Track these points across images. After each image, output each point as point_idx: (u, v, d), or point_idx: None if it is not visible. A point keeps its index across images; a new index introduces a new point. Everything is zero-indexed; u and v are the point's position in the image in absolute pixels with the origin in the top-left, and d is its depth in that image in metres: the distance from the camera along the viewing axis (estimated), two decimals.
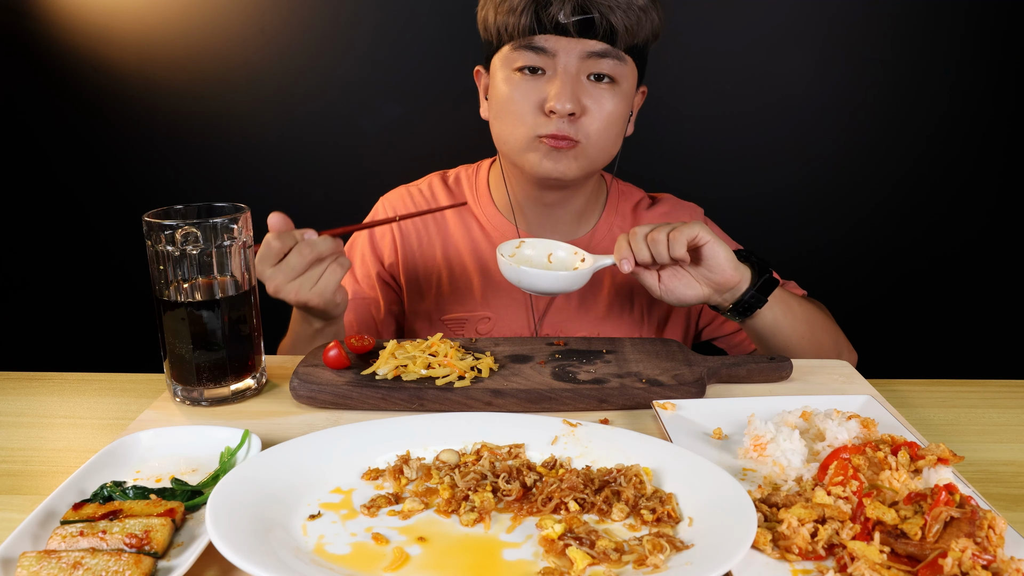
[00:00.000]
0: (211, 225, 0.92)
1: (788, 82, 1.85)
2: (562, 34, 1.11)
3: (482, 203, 1.34)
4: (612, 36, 1.12)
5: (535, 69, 1.14)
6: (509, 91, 1.16)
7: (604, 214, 1.35)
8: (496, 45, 1.18)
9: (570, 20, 1.09)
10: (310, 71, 1.87)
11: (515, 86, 1.15)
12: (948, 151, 1.87)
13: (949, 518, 0.63)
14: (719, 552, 0.61)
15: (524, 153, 1.18)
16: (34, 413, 0.99)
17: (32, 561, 0.61)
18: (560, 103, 1.11)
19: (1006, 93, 1.82)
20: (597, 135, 1.16)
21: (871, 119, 1.86)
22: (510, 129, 1.17)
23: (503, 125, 1.19)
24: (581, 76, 1.13)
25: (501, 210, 1.33)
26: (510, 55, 1.15)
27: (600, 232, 1.34)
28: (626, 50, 1.14)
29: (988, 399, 1.01)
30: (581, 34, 1.11)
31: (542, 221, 1.31)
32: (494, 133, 1.23)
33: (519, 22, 1.12)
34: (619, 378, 0.97)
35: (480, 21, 1.20)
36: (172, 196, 1.11)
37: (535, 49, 1.12)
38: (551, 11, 1.10)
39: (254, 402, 0.98)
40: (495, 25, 1.16)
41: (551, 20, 1.10)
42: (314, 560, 0.63)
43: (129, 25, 1.85)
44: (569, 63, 1.12)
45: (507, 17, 1.13)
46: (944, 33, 1.79)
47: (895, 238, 1.94)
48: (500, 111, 1.18)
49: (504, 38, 1.15)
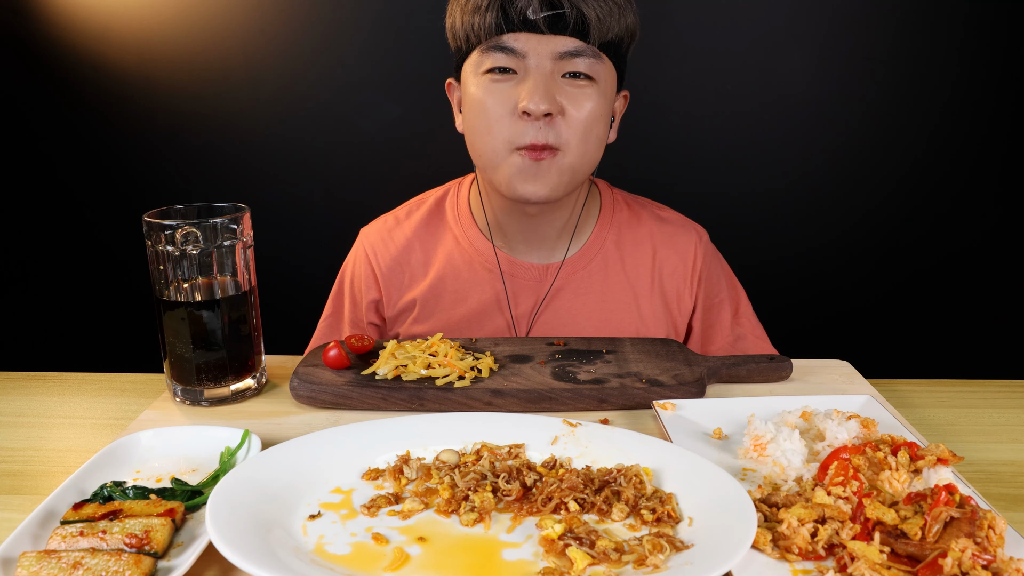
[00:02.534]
0: (211, 225, 0.92)
1: (788, 82, 1.85)
2: (532, 31, 1.04)
3: (463, 222, 1.26)
4: (585, 30, 1.05)
5: (505, 69, 1.07)
6: (481, 96, 1.09)
7: (597, 227, 1.26)
8: (465, 51, 1.12)
9: (539, 16, 1.03)
10: (310, 71, 1.87)
11: (486, 90, 1.08)
12: (948, 150, 1.87)
13: (949, 518, 0.63)
14: (719, 552, 0.61)
15: (499, 167, 1.10)
16: (34, 413, 0.99)
17: (32, 561, 0.61)
18: (533, 102, 1.04)
19: (1006, 93, 1.82)
20: (577, 138, 1.08)
21: (871, 119, 1.86)
22: (484, 139, 1.10)
23: (476, 135, 1.12)
24: (555, 75, 1.07)
25: (481, 228, 1.25)
26: (479, 59, 1.09)
27: (592, 249, 1.24)
28: (601, 47, 1.07)
29: (988, 399, 1.01)
30: (552, 30, 1.04)
31: (525, 238, 1.22)
32: (469, 146, 1.16)
33: (485, 21, 1.06)
34: (619, 378, 0.97)
35: (448, 29, 1.14)
36: (172, 196, 1.12)
37: (505, 50, 1.06)
38: (518, 5, 1.03)
39: (254, 402, 0.98)
40: (462, 29, 1.10)
41: (519, 15, 1.04)
42: (314, 560, 0.63)
43: (129, 25, 1.85)
44: (542, 63, 1.06)
45: (472, 17, 1.07)
46: (944, 33, 1.79)
47: (895, 238, 1.94)
48: (474, 120, 1.11)
49: (472, 41, 1.10)
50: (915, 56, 1.81)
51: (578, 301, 1.23)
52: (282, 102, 1.89)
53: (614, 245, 1.25)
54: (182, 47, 1.86)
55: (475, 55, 1.10)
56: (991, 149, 1.87)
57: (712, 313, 1.28)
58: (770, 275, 1.41)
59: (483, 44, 1.08)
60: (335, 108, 1.89)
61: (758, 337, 1.29)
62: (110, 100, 1.90)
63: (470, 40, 1.10)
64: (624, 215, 1.28)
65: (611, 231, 1.26)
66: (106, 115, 1.92)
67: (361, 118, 1.90)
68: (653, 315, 1.24)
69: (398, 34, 1.84)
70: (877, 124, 1.87)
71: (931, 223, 1.93)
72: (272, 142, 1.92)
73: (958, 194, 1.90)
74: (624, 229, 1.27)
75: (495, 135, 1.09)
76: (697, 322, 1.28)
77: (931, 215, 1.92)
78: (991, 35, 1.79)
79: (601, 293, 1.23)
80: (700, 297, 1.27)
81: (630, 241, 1.26)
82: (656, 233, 1.27)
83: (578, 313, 1.23)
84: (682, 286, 1.26)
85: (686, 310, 1.27)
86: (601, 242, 1.25)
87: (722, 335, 1.28)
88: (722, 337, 1.28)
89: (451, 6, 1.13)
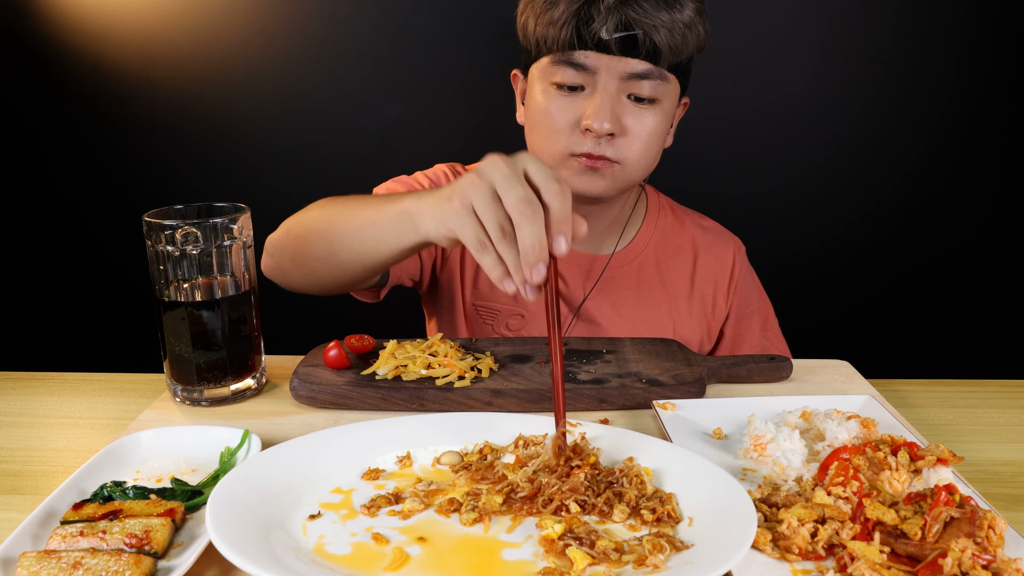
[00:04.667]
0: (211, 225, 0.92)
1: (788, 82, 1.85)
2: (603, 51, 1.06)
3: None
4: (655, 55, 1.07)
5: (574, 87, 1.10)
6: (546, 104, 1.11)
7: (643, 227, 1.31)
8: (535, 55, 1.14)
9: (612, 37, 1.05)
10: (310, 71, 1.87)
11: (552, 100, 1.11)
12: (948, 150, 1.87)
13: (949, 518, 0.63)
14: (719, 552, 0.61)
15: (557, 168, 1.13)
16: (34, 413, 0.99)
17: (32, 561, 0.61)
18: (598, 122, 1.07)
19: (1006, 93, 1.82)
20: (636, 157, 1.12)
21: (870, 119, 1.86)
22: (543, 144, 1.14)
23: (537, 138, 1.15)
24: (621, 96, 1.09)
25: None
26: (548, 68, 1.11)
27: (638, 246, 1.29)
28: (669, 68, 1.10)
29: (988, 399, 1.01)
30: (623, 52, 1.06)
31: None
32: (528, 143, 1.19)
33: (559, 35, 1.07)
34: (619, 378, 0.97)
35: (520, 27, 1.16)
36: (172, 196, 1.11)
37: (575, 65, 1.08)
38: (593, 27, 1.05)
39: (254, 402, 0.98)
40: (535, 35, 1.11)
41: (593, 36, 1.05)
42: (314, 560, 0.63)
43: (129, 25, 1.85)
44: (609, 82, 1.08)
45: (547, 29, 1.08)
46: (944, 33, 1.79)
47: (894, 238, 1.94)
48: (535, 124, 1.15)
49: (543, 50, 1.11)
50: (915, 56, 1.81)
51: (620, 295, 1.27)
52: (282, 102, 1.89)
53: (658, 246, 1.31)
54: (182, 47, 1.86)
55: (545, 62, 1.12)
56: (991, 149, 1.87)
57: (743, 323, 1.33)
58: (770, 275, 1.41)
59: (554, 55, 1.10)
60: (335, 108, 1.89)
61: (782, 352, 1.34)
62: (110, 100, 1.90)
63: (541, 48, 1.12)
64: (669, 219, 1.34)
65: (656, 233, 1.31)
66: (106, 115, 1.92)
67: (361, 118, 1.90)
68: (689, 317, 1.29)
69: (398, 34, 1.84)
70: (876, 124, 1.86)
71: (930, 223, 1.93)
72: (272, 142, 1.92)
73: (957, 194, 1.90)
74: (668, 232, 1.32)
75: (555, 143, 1.12)
76: (729, 329, 1.33)
77: (931, 215, 1.92)
78: (991, 35, 1.79)
79: (641, 290, 1.28)
80: (734, 305, 1.33)
81: (673, 244, 1.32)
82: (698, 239, 1.33)
83: (620, 307, 1.27)
84: (719, 292, 1.32)
85: (720, 316, 1.32)
86: (645, 242, 1.30)
87: (751, 344, 1.33)
88: (750, 346, 1.33)
89: (525, 6, 1.14)
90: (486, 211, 0.72)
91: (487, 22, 1.18)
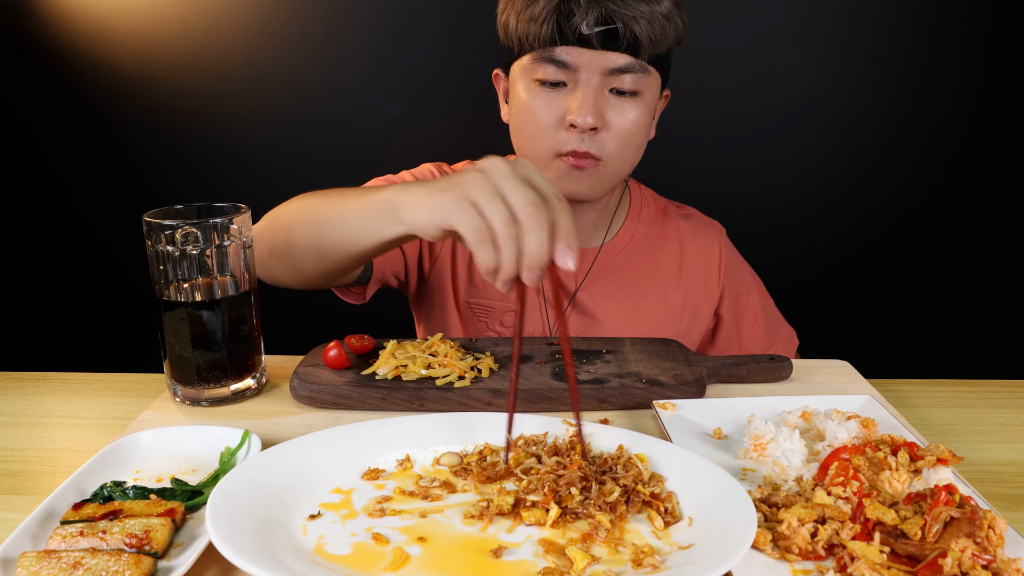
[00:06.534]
0: (211, 225, 0.92)
1: (788, 82, 1.85)
2: (584, 46, 1.07)
3: None
4: (636, 48, 1.08)
5: (556, 83, 1.11)
6: (530, 102, 1.13)
7: (627, 221, 1.33)
8: (517, 53, 1.14)
9: (593, 31, 1.06)
10: (310, 71, 1.87)
11: (536, 97, 1.12)
12: (948, 150, 1.87)
13: (949, 518, 0.63)
14: (719, 552, 0.61)
15: (543, 169, 1.13)
16: (34, 413, 0.99)
17: (32, 561, 0.61)
18: (582, 116, 1.08)
19: (1006, 93, 1.82)
20: (618, 149, 1.13)
21: (870, 119, 1.86)
22: (529, 143, 1.15)
23: (522, 137, 1.17)
24: (603, 90, 1.10)
25: None
26: (531, 65, 1.12)
27: (622, 239, 1.31)
28: (650, 61, 1.11)
29: (988, 399, 1.01)
30: (604, 46, 1.07)
31: None
32: (514, 142, 1.21)
33: (540, 32, 1.08)
34: (619, 378, 0.97)
35: (500, 26, 1.17)
36: (172, 196, 1.11)
37: (556, 62, 1.09)
38: (574, 22, 1.06)
39: (254, 402, 0.98)
40: (516, 33, 1.12)
41: (573, 31, 1.07)
42: (314, 560, 0.63)
43: (129, 25, 1.85)
44: (591, 77, 1.09)
45: (528, 26, 1.10)
46: (944, 33, 1.79)
47: (894, 237, 1.94)
48: (521, 122, 1.16)
49: (525, 47, 1.12)
50: (915, 56, 1.81)
51: (609, 287, 1.29)
52: (282, 102, 1.89)
53: (644, 236, 1.33)
54: (182, 47, 1.86)
55: (527, 60, 1.13)
56: (991, 149, 1.87)
57: (742, 300, 1.36)
58: (769, 275, 1.42)
59: (536, 52, 1.11)
60: (335, 108, 1.89)
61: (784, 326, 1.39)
62: (110, 100, 1.90)
63: (523, 45, 1.13)
64: (651, 210, 1.36)
65: (641, 224, 1.33)
66: (106, 115, 1.92)
67: (361, 118, 1.90)
68: (679, 303, 1.32)
69: (399, 34, 1.84)
70: (876, 124, 1.87)
71: (930, 223, 1.93)
72: (272, 142, 1.92)
73: (957, 194, 1.90)
74: (653, 223, 1.34)
75: (540, 141, 1.14)
76: (727, 310, 1.35)
77: (931, 215, 1.92)
78: (991, 35, 1.79)
79: (631, 281, 1.30)
80: (727, 286, 1.35)
81: (658, 233, 1.34)
82: (682, 228, 1.35)
83: (612, 298, 1.29)
84: (708, 277, 1.34)
85: (713, 299, 1.35)
86: (632, 233, 1.32)
87: (754, 315, 1.36)
88: (754, 318, 1.36)
89: (505, 5, 1.15)
90: (492, 206, 0.72)
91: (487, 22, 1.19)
